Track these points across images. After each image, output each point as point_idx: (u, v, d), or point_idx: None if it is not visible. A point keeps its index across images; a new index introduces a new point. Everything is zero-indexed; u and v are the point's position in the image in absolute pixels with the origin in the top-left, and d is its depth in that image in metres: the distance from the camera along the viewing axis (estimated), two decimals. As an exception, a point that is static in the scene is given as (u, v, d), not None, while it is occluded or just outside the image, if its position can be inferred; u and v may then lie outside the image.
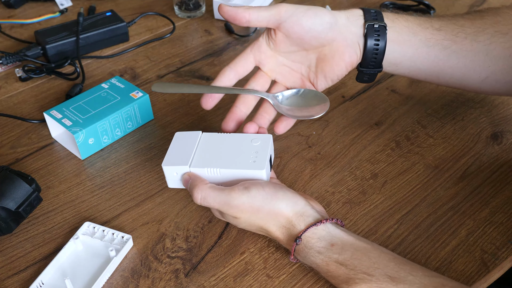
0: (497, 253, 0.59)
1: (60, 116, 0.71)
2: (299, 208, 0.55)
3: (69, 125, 0.69)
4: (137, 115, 0.74)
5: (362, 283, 0.49)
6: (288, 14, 0.60)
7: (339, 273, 0.51)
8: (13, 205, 0.59)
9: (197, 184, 0.56)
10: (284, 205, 0.55)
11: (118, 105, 0.72)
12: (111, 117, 0.71)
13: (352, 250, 0.52)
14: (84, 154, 0.71)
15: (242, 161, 0.58)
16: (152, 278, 0.57)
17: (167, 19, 0.99)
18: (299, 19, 0.60)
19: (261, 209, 0.55)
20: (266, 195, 0.55)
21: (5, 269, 0.58)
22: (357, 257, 0.51)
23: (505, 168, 0.69)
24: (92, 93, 0.75)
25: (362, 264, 0.51)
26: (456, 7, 1.02)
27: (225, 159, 0.58)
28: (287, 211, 0.55)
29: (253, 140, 0.60)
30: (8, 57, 0.87)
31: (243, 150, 0.59)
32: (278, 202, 0.55)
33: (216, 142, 0.61)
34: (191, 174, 0.58)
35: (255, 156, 0.58)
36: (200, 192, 0.56)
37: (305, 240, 0.53)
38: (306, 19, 0.60)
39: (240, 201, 0.54)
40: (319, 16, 0.60)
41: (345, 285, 0.51)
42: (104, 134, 0.71)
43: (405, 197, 0.65)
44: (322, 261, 0.52)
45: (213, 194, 0.55)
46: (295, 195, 0.56)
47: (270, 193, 0.55)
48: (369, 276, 0.50)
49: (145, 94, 0.74)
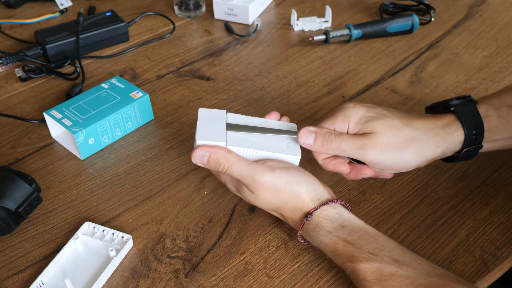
0: (497, 253, 0.59)
1: (60, 116, 0.71)
2: (317, 193, 0.57)
3: (69, 125, 0.69)
4: (137, 115, 0.74)
5: (366, 262, 0.51)
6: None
7: (345, 251, 0.52)
8: (13, 205, 0.59)
9: (222, 154, 0.56)
10: (305, 189, 0.56)
11: (118, 105, 0.72)
12: (111, 117, 0.71)
13: (361, 232, 0.53)
14: (84, 154, 0.71)
15: (277, 145, 0.59)
16: (152, 278, 0.57)
17: (167, 19, 0.99)
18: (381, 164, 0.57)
19: (282, 191, 0.56)
20: (290, 178, 0.56)
21: (5, 269, 0.58)
22: (365, 238, 0.53)
23: (505, 168, 0.69)
24: (92, 93, 0.75)
25: (369, 245, 0.52)
26: (456, 7, 1.02)
27: (259, 142, 0.59)
28: (306, 195, 0.56)
29: (280, 125, 0.61)
30: (8, 57, 0.87)
31: (273, 135, 0.60)
32: (300, 186, 0.56)
33: (243, 123, 0.60)
34: (211, 147, 0.56)
35: (287, 142, 0.59)
36: (227, 160, 0.56)
37: (316, 221, 0.55)
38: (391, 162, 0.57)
39: (264, 178, 0.55)
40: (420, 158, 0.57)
41: (350, 263, 0.52)
42: (104, 134, 0.71)
43: (405, 197, 0.65)
44: (331, 240, 0.54)
45: (239, 164, 0.56)
46: (315, 181, 0.58)
47: (293, 176, 0.56)
48: (374, 256, 0.51)
49: (145, 94, 0.74)
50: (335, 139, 0.56)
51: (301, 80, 0.85)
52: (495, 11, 1.01)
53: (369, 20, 0.95)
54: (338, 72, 0.86)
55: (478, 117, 0.58)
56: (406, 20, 0.93)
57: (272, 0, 1.05)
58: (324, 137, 0.57)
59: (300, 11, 1.01)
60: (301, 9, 1.02)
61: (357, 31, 0.92)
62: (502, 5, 1.03)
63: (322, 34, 0.92)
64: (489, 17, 0.99)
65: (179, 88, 0.83)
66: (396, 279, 0.49)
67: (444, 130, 0.57)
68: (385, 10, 1.01)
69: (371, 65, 0.88)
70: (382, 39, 0.94)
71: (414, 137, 0.56)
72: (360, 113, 0.57)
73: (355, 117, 0.57)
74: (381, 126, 0.56)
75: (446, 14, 1.00)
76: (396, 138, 0.56)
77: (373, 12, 1.02)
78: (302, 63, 0.89)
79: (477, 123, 0.58)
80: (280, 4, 1.05)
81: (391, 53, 0.90)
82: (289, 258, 0.59)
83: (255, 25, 0.96)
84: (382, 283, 0.49)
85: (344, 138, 0.56)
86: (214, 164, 0.56)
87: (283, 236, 0.61)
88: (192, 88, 0.83)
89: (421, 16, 0.98)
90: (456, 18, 0.99)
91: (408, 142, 0.56)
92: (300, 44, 0.93)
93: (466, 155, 0.60)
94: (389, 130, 0.56)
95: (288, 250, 0.59)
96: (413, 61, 0.89)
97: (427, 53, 0.90)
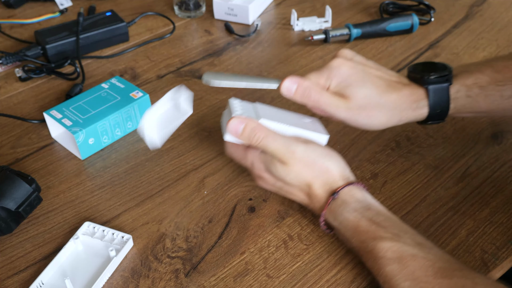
0: (497, 253, 0.59)
1: (60, 116, 0.71)
2: (346, 172, 0.59)
3: (69, 125, 0.69)
4: (137, 115, 0.74)
5: (389, 241, 0.52)
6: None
7: (369, 229, 0.54)
8: (13, 205, 0.59)
9: (258, 125, 0.58)
10: (336, 166, 0.59)
11: (118, 105, 0.72)
12: (111, 117, 0.71)
13: (386, 216, 0.55)
14: (84, 154, 0.71)
15: (306, 125, 0.63)
16: (152, 278, 0.57)
17: (167, 19, 0.99)
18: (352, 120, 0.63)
19: (315, 163, 0.58)
20: (322, 152, 0.59)
21: (5, 269, 0.58)
22: (390, 221, 0.55)
23: (505, 168, 0.69)
24: (92, 93, 0.75)
25: (394, 227, 0.54)
26: (456, 7, 1.03)
27: (290, 120, 0.62)
28: (336, 172, 0.58)
29: (304, 117, 0.66)
30: (8, 57, 0.87)
31: (301, 121, 0.64)
32: (331, 162, 0.59)
33: (273, 110, 0.64)
34: (246, 118, 0.59)
35: (313, 125, 0.64)
36: (263, 132, 0.58)
37: (344, 198, 0.57)
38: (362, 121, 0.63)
39: (299, 149, 0.58)
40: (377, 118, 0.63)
41: (372, 241, 0.53)
42: (104, 134, 0.71)
43: (405, 197, 0.65)
44: (355, 217, 0.55)
45: (274, 135, 0.58)
46: (344, 161, 0.60)
47: (326, 151, 0.60)
48: (398, 237, 0.52)
49: (145, 94, 0.74)
50: (313, 95, 0.61)
51: (301, 80, 0.84)
52: (495, 11, 1.01)
53: (369, 20, 0.96)
54: (338, 72, 0.86)
55: (446, 99, 0.63)
56: (406, 20, 0.93)
57: (272, 0, 1.05)
58: (305, 91, 0.61)
59: (300, 11, 1.01)
60: (301, 9, 1.02)
61: (356, 30, 0.92)
62: (502, 5, 1.03)
63: (322, 34, 0.92)
64: (489, 17, 0.99)
65: (179, 88, 0.83)
66: (416, 260, 0.50)
67: (411, 107, 0.63)
68: (385, 10, 1.01)
69: (371, 65, 0.88)
70: (382, 39, 0.94)
71: (383, 108, 0.62)
72: (343, 75, 0.62)
73: (338, 78, 0.62)
74: (358, 94, 0.61)
75: (446, 14, 1.00)
76: (368, 106, 0.61)
77: (373, 12, 1.02)
78: (302, 63, 0.89)
79: (443, 105, 0.63)
80: (280, 4, 1.05)
81: (391, 53, 0.91)
82: (289, 258, 0.59)
83: (255, 25, 0.96)
84: (402, 262, 0.50)
85: (321, 96, 0.61)
86: (248, 134, 0.58)
87: (283, 236, 0.61)
88: (192, 88, 0.83)
89: (421, 16, 0.98)
90: (456, 18, 0.99)
91: (376, 112, 0.62)
92: (300, 44, 0.93)
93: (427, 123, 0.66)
94: (363, 99, 0.61)
95: (288, 250, 0.59)
96: (413, 61, 0.89)
97: (427, 53, 0.90)
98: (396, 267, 0.50)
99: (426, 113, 0.63)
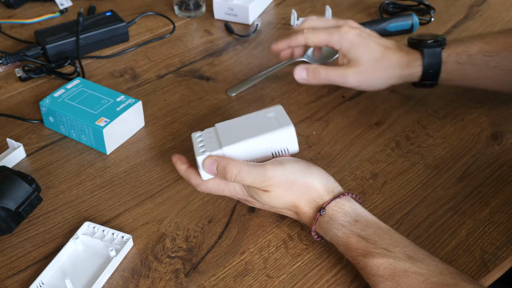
0: (497, 253, 0.59)
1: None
2: (329, 184, 0.57)
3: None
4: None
5: (380, 257, 0.51)
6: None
7: (358, 246, 0.53)
8: (13, 205, 0.59)
9: (229, 161, 0.57)
10: (317, 180, 0.57)
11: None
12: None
13: (375, 228, 0.54)
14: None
15: (267, 127, 0.59)
16: (152, 278, 0.57)
17: (167, 19, 0.99)
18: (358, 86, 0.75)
19: (295, 183, 0.56)
20: (300, 169, 0.57)
21: (5, 269, 0.58)
22: (378, 234, 0.53)
23: (505, 168, 0.69)
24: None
25: (383, 241, 0.52)
26: (456, 7, 1.03)
27: (251, 131, 0.59)
28: (319, 186, 0.57)
29: (266, 113, 0.61)
30: (8, 57, 0.87)
31: (263, 121, 0.60)
32: (312, 177, 0.57)
33: (233, 125, 0.61)
34: (217, 157, 0.58)
35: (276, 120, 0.60)
36: (235, 167, 0.56)
37: (330, 213, 0.55)
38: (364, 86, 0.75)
39: (275, 173, 0.56)
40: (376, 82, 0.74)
41: (363, 258, 0.52)
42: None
43: (405, 197, 0.65)
44: (344, 234, 0.54)
45: (247, 168, 0.56)
46: (325, 172, 0.59)
47: (304, 167, 0.57)
48: (388, 252, 0.51)
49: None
50: (323, 71, 0.73)
51: (301, 80, 0.84)
52: (495, 11, 1.01)
53: (368, 20, 0.95)
54: (338, 72, 0.86)
55: (438, 61, 0.71)
56: (406, 20, 0.93)
57: (272, 0, 1.05)
58: (315, 71, 0.73)
59: (300, 11, 1.01)
60: (301, 9, 1.02)
61: (357, 31, 0.91)
62: (502, 5, 1.03)
63: (322, 34, 0.92)
64: (489, 17, 1.00)
65: (179, 88, 0.83)
66: (409, 276, 0.49)
67: (409, 65, 0.72)
68: (385, 10, 1.01)
69: (371, 65, 0.88)
70: (382, 39, 0.94)
71: (385, 67, 0.72)
72: (352, 40, 0.72)
73: (346, 43, 0.72)
74: (363, 56, 0.71)
75: (446, 14, 1.00)
76: (372, 67, 0.72)
77: (373, 12, 1.02)
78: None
79: (435, 65, 0.71)
80: (280, 4, 1.05)
81: (391, 53, 0.90)
82: (289, 258, 0.59)
83: (255, 25, 0.96)
84: (395, 279, 0.50)
85: (329, 70, 0.73)
86: (222, 172, 0.57)
87: (283, 236, 0.61)
88: (192, 88, 0.83)
89: (421, 16, 0.98)
90: (456, 18, 0.99)
91: (380, 71, 0.72)
92: (300, 44, 0.93)
93: (423, 84, 0.74)
94: (368, 61, 0.71)
95: (288, 250, 0.59)
96: (413, 61, 0.88)
97: (427, 53, 0.90)
98: (389, 284, 0.50)
99: (421, 72, 0.72)
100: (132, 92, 0.82)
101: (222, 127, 0.62)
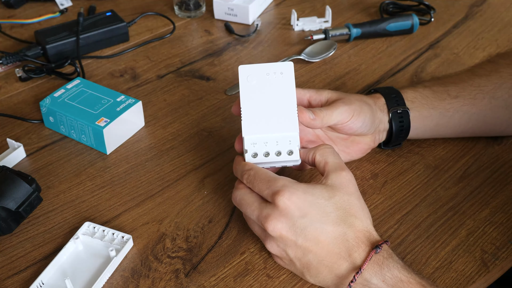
0: (497, 253, 0.59)
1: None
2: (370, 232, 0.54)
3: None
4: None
5: None
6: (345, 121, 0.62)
7: None
8: (13, 205, 0.59)
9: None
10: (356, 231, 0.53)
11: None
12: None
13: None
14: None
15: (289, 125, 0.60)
16: (152, 278, 0.57)
17: (167, 19, 0.99)
18: (352, 123, 0.63)
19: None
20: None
21: (5, 269, 0.58)
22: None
23: (505, 168, 0.69)
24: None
25: None
26: (456, 7, 1.03)
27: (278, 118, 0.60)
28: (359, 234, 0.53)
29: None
30: (8, 57, 0.87)
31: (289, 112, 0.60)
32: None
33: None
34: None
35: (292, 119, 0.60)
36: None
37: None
38: (357, 124, 0.63)
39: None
40: (365, 120, 0.63)
41: None
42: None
43: (405, 197, 0.65)
44: None
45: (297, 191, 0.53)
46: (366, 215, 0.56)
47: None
48: None
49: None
50: (324, 112, 0.61)
51: (301, 80, 0.85)
52: (495, 11, 1.01)
53: (368, 20, 0.96)
54: (338, 72, 0.86)
55: (395, 90, 0.67)
56: (406, 20, 0.93)
57: (272, 0, 1.05)
58: (319, 114, 0.61)
59: (300, 11, 1.01)
60: (301, 9, 1.02)
61: (356, 30, 0.92)
62: (502, 5, 1.03)
63: (322, 33, 0.92)
64: (489, 17, 1.00)
65: (179, 88, 0.83)
66: None
67: (375, 103, 0.66)
68: (385, 10, 1.01)
69: (371, 65, 0.88)
70: (382, 39, 0.94)
71: (365, 105, 0.63)
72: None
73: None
74: (349, 98, 0.63)
75: (446, 14, 1.00)
76: (355, 104, 0.62)
77: (373, 12, 1.02)
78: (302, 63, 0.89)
79: (394, 91, 0.67)
80: (280, 4, 1.05)
81: (391, 53, 0.91)
82: (289, 258, 0.59)
83: (255, 25, 0.96)
84: None
85: (327, 109, 0.61)
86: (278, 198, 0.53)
87: (283, 236, 0.61)
88: (192, 88, 0.83)
89: (421, 16, 0.98)
90: (456, 18, 0.99)
91: (363, 107, 0.63)
92: (300, 44, 0.93)
93: (399, 129, 0.67)
94: (348, 101, 0.62)
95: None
96: (413, 61, 0.89)
97: (427, 53, 0.90)
98: None
99: (384, 100, 0.66)
100: (132, 92, 0.82)
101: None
